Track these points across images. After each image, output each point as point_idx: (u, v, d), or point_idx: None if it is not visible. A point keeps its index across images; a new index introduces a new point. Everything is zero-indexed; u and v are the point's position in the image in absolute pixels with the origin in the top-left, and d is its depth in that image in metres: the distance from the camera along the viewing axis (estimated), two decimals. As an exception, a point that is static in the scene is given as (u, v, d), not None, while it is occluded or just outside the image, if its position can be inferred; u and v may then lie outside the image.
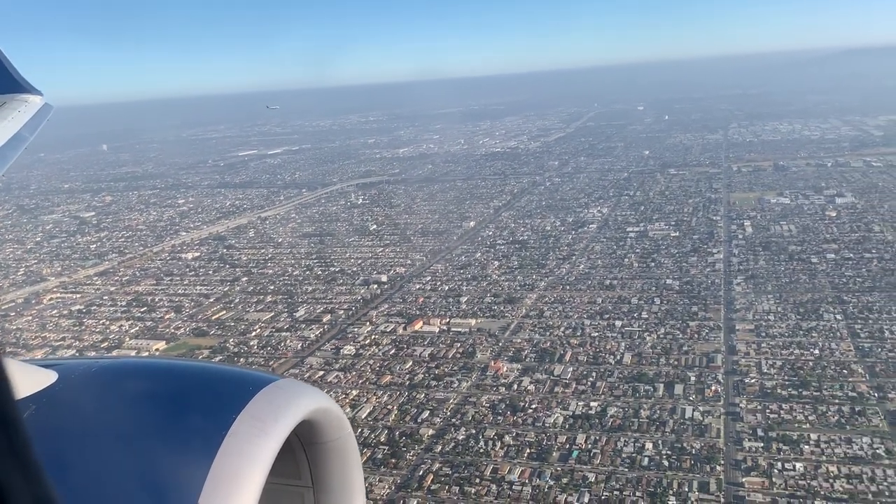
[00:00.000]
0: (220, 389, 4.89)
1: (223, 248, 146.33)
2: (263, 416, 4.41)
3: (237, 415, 4.35)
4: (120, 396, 4.77)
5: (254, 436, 4.26)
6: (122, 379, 5.13)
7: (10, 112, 11.67)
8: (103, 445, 4.15)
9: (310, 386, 5.33)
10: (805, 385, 72.35)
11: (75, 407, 4.56)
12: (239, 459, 4.09)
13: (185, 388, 4.94)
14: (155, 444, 4.25)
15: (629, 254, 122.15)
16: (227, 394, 4.70)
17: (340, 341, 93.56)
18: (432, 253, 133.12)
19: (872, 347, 79.46)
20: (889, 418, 65.48)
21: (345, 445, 5.37)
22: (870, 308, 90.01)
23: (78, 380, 4.80)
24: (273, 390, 4.71)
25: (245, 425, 4.30)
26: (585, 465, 62.25)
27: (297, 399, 4.82)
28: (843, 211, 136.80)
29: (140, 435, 4.31)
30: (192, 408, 4.67)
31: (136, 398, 4.74)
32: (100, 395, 4.75)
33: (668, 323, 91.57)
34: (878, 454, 60.04)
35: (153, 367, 5.81)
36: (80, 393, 4.66)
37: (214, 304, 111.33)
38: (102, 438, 4.22)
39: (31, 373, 4.67)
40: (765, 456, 61.45)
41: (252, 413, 4.40)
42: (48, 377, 4.63)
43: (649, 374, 77.65)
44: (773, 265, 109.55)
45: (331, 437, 5.25)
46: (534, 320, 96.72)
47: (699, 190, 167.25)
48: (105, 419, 4.49)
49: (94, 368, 5.04)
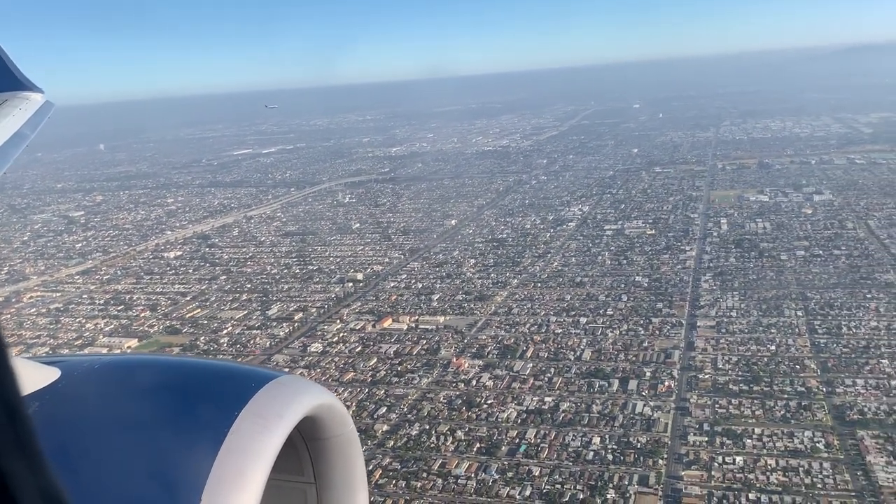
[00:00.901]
0: (222, 386, 4.91)
1: (206, 246, 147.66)
2: (266, 413, 4.43)
3: (240, 411, 4.37)
4: (123, 393, 4.79)
5: (256, 432, 4.27)
6: (126, 376, 5.16)
7: (11, 110, 11.59)
8: (106, 442, 4.18)
9: (313, 382, 5.36)
10: (756, 380, 73.36)
11: (78, 404, 4.57)
12: (242, 456, 4.10)
13: (188, 384, 4.97)
14: (158, 440, 4.27)
15: (603, 251, 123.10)
16: (230, 390, 4.71)
17: (309, 339, 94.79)
18: (411, 251, 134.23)
19: (828, 343, 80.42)
20: (834, 412, 66.45)
21: (348, 442, 5.38)
22: (831, 304, 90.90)
23: (81, 377, 4.81)
24: (276, 387, 4.72)
25: (248, 422, 4.31)
26: (532, 459, 63.35)
27: (299, 395, 4.82)
28: (820, 208, 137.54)
29: (143, 431, 4.33)
30: (194, 404, 4.72)
31: (139, 395, 4.76)
32: (103, 391, 4.77)
33: (632, 319, 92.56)
34: (816, 448, 61.03)
35: (156, 364, 5.76)
36: (84, 390, 4.69)
37: (190, 303, 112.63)
38: (106, 435, 4.25)
39: (33, 370, 4.69)
40: (707, 450, 62.46)
41: (255, 409, 4.41)
42: (51, 374, 4.62)
43: (606, 370, 78.73)
44: (743, 262, 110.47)
45: (334, 434, 5.26)
46: (501, 317, 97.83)
47: (681, 188, 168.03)
48: (108, 416, 4.51)
49: (97, 365, 5.08)
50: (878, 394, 68.79)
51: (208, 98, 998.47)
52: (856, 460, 58.95)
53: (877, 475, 56.53)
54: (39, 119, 11.87)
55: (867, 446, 60.49)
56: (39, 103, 12.34)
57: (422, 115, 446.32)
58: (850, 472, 57.53)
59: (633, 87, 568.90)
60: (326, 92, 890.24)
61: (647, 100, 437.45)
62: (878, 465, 57.69)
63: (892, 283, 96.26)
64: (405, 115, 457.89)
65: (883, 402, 67.19)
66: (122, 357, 7.18)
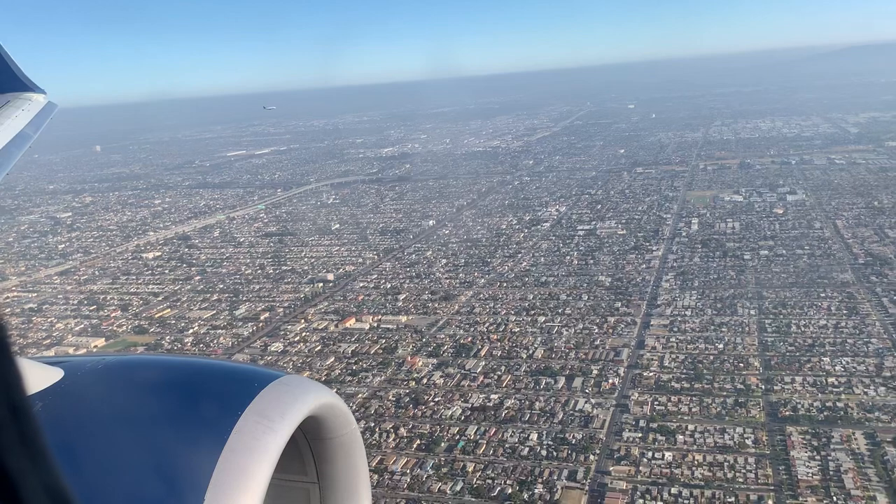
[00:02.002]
0: (225, 386, 4.92)
1: (185, 247, 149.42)
2: (269, 413, 4.44)
3: (243, 411, 4.39)
4: (126, 393, 4.80)
5: (259, 432, 4.29)
6: (129, 376, 5.15)
7: (14, 111, 11.65)
8: (110, 442, 4.20)
9: (315, 382, 5.33)
10: (698, 378, 74.55)
11: (81, 404, 4.57)
12: (245, 455, 4.11)
13: (192, 384, 4.98)
14: (161, 440, 4.29)
15: (572, 252, 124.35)
16: (233, 390, 4.74)
17: (271, 338, 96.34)
18: (386, 251, 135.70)
19: (775, 342, 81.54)
20: (768, 409, 67.62)
21: (350, 441, 5.39)
22: (784, 304, 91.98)
23: (84, 377, 4.81)
24: (278, 386, 4.74)
25: (251, 421, 4.33)
26: (468, 455, 64.71)
27: (302, 395, 4.84)
28: (791, 208, 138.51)
29: (146, 431, 4.34)
30: (198, 404, 4.73)
31: (142, 395, 4.77)
32: (106, 392, 4.77)
33: (588, 318, 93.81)
34: (745, 444, 62.21)
35: (159, 364, 5.83)
36: (87, 390, 4.69)
37: (162, 303, 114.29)
38: (109, 435, 4.25)
39: (37, 370, 4.69)
40: (640, 446, 63.71)
41: (258, 409, 4.43)
42: (54, 374, 4.65)
43: (555, 368, 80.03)
44: (707, 262, 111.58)
45: (336, 434, 5.27)
46: (463, 316, 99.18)
47: (659, 188, 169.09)
48: (111, 416, 4.52)
49: (100, 366, 5.06)
50: (814, 391, 69.93)
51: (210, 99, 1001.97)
52: (780, 455, 60.15)
53: (797, 469, 57.72)
54: (42, 120, 12.02)
55: (794, 442, 61.70)
56: (42, 104, 12.49)
57: (418, 116, 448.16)
58: (773, 466, 58.73)
59: (631, 88, 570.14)
60: (328, 93, 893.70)
61: (643, 100, 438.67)
62: (801, 461, 58.87)
63: (847, 283, 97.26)
64: (402, 116, 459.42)
65: (817, 399, 68.33)
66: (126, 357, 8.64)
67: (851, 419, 64.53)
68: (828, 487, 55.23)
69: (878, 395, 68.02)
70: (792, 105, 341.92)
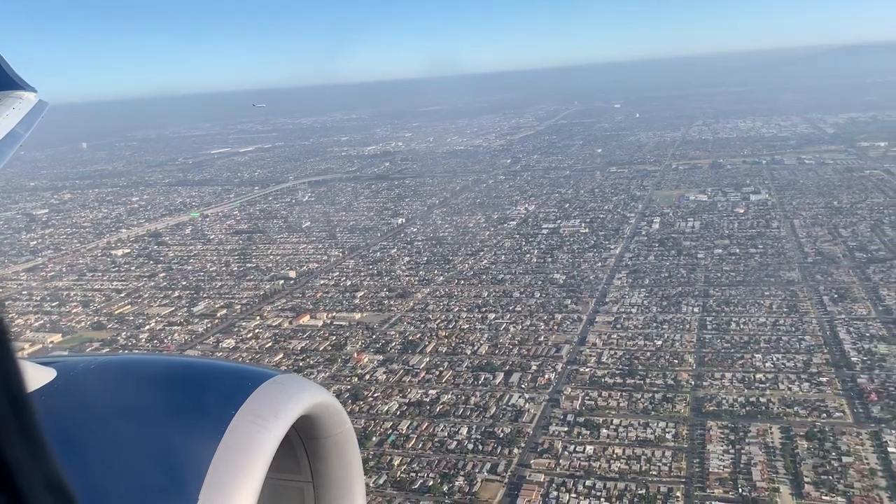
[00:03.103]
0: (219, 385, 4.90)
1: (155, 244, 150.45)
2: (263, 412, 4.45)
3: (237, 410, 4.39)
4: (119, 393, 4.77)
5: (254, 431, 4.28)
6: (121, 376, 5.13)
7: (5, 109, 11.57)
8: (103, 442, 4.17)
9: (309, 381, 5.33)
10: (632, 374, 76.01)
11: (74, 404, 4.54)
12: (239, 455, 4.11)
13: (185, 384, 4.96)
14: (154, 440, 4.27)
15: (533, 250, 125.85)
16: (227, 389, 4.72)
17: (224, 335, 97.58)
18: (351, 249, 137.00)
19: (712, 339, 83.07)
20: (693, 404, 69.15)
21: (344, 440, 5.38)
22: (728, 301, 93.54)
23: (76, 377, 4.77)
24: (272, 385, 4.75)
25: (245, 421, 4.33)
26: (397, 449, 66.11)
27: (296, 394, 4.83)
28: (753, 207, 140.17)
29: (139, 431, 4.33)
30: (191, 404, 4.72)
31: (135, 395, 4.75)
32: (98, 392, 4.73)
33: (537, 315, 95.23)
34: (664, 437, 63.71)
35: (152, 364, 5.81)
36: (79, 390, 4.65)
37: (124, 299, 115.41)
38: (102, 435, 4.23)
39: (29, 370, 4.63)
40: (564, 439, 65.18)
41: (251, 409, 4.44)
42: (47, 375, 4.62)
43: (496, 364, 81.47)
44: (661, 260, 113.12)
45: (330, 433, 5.27)
46: (416, 314, 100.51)
47: (628, 188, 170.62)
48: (104, 416, 4.48)
49: (92, 366, 5.03)
50: (741, 387, 71.42)
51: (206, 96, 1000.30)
52: (696, 449, 61.66)
53: (710, 463, 59.27)
54: (33, 118, 11.96)
55: (712, 436, 63.24)
56: (33, 102, 12.42)
57: (407, 114, 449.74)
58: (688, 460, 60.24)
59: (621, 87, 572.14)
60: (323, 90, 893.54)
61: (630, 99, 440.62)
62: (715, 454, 60.41)
63: (793, 281, 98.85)
64: (391, 114, 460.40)
65: (742, 395, 69.88)
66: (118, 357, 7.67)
67: (771, 414, 66.12)
68: (735, 480, 56.75)
69: (800, 391, 69.59)
70: (775, 105, 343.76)
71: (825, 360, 75.47)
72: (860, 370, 72.41)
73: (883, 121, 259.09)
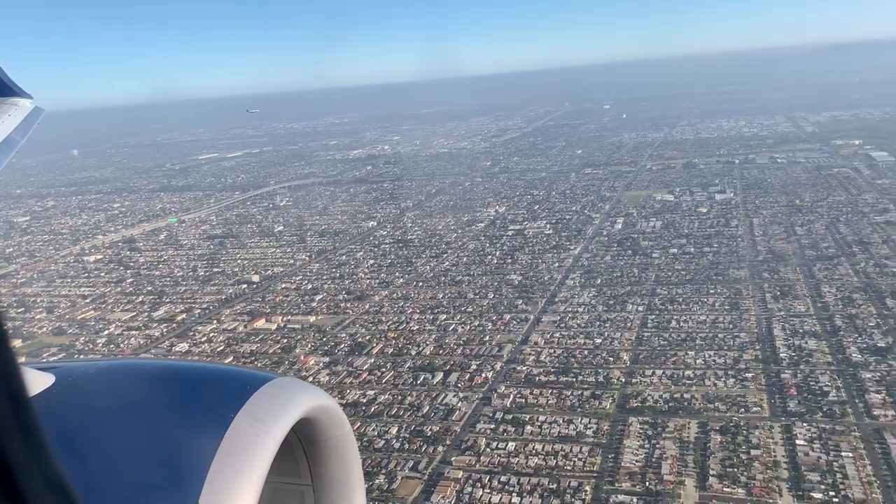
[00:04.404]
0: (218, 389, 4.90)
1: (128, 250, 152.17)
2: (262, 415, 4.45)
3: (236, 414, 4.39)
4: (118, 398, 4.77)
5: (253, 434, 4.30)
6: (120, 380, 5.11)
7: (1, 116, 11.58)
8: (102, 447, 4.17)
9: (308, 384, 5.33)
10: (566, 372, 77.39)
11: (73, 409, 4.52)
12: (238, 458, 4.12)
13: (184, 388, 4.97)
14: (154, 444, 4.28)
15: (496, 251, 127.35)
16: (226, 393, 4.72)
17: (180, 339, 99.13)
18: (319, 252, 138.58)
19: (651, 337, 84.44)
20: (619, 401, 70.51)
21: (344, 443, 5.36)
22: (673, 300, 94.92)
23: (75, 382, 4.79)
24: (271, 389, 4.75)
25: (244, 424, 4.33)
26: (326, 447, 67.34)
27: (295, 397, 4.83)
28: (716, 207, 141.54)
29: (139, 435, 4.33)
30: (190, 407, 4.73)
31: (134, 399, 4.75)
32: (98, 397, 4.74)
33: (487, 316, 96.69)
34: (584, 434, 65.13)
35: (151, 368, 5.81)
36: (78, 395, 4.66)
37: (89, 305, 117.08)
38: (101, 440, 4.22)
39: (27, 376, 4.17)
40: (489, 437, 66.59)
41: (251, 412, 4.45)
42: (45, 380, 4.62)
43: (437, 364, 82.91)
44: (616, 260, 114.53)
45: (330, 435, 5.26)
46: (370, 316, 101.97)
47: (599, 189, 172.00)
48: (103, 421, 4.47)
49: (91, 370, 5.05)
50: (668, 383, 72.82)
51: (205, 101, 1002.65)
52: (613, 444, 63.06)
53: (624, 457, 60.66)
54: (29, 125, 11.97)
55: (631, 432, 64.61)
56: (29, 109, 12.46)
57: (399, 118, 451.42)
58: (603, 455, 61.65)
59: (614, 88, 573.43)
60: (318, 94, 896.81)
61: (621, 100, 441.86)
62: (630, 449, 61.80)
63: (740, 279, 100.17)
64: (383, 118, 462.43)
65: (668, 391, 71.27)
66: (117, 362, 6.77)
67: (692, 409, 67.50)
68: (645, 474, 58.08)
69: (725, 387, 70.93)
70: (762, 104, 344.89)
71: (755, 356, 76.79)
72: (786, 366, 73.70)
73: (863, 119, 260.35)
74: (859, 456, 57.64)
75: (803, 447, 59.52)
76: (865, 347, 76.01)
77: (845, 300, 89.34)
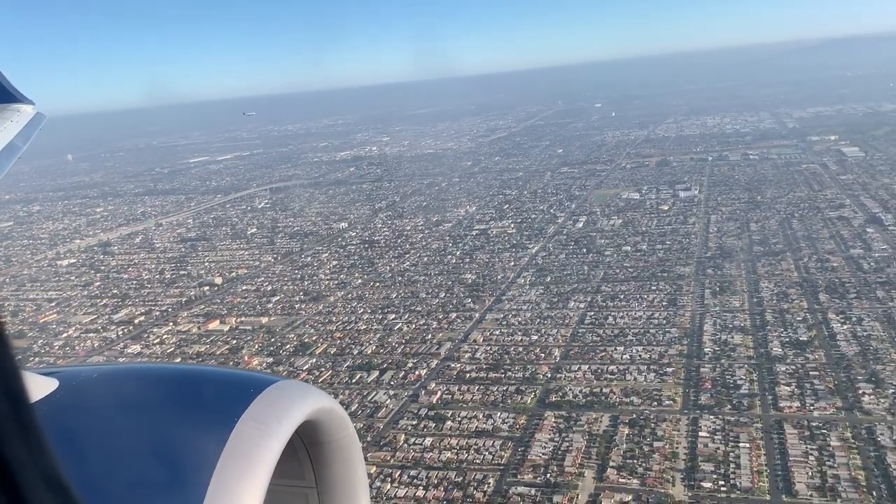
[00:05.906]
0: (221, 392, 4.93)
1: (101, 254, 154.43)
2: (266, 418, 4.47)
3: (240, 417, 4.41)
4: (122, 402, 4.79)
5: (257, 437, 4.32)
6: (124, 384, 5.13)
7: (3, 122, 11.67)
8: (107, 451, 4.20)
9: (311, 386, 5.32)
10: (496, 368, 78.93)
11: (77, 414, 4.55)
12: (242, 461, 4.14)
13: (187, 391, 5.00)
14: (158, 448, 4.30)
15: (457, 251, 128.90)
16: (229, 396, 4.73)
17: (134, 341, 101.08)
18: (285, 254, 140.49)
19: (585, 334, 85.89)
20: (540, 396, 72.00)
21: (348, 445, 5.38)
22: (615, 297, 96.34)
23: (79, 387, 4.80)
24: (275, 391, 4.77)
25: (247, 427, 4.36)
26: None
27: (299, 400, 4.86)
28: (678, 204, 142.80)
29: (143, 439, 4.35)
30: (194, 411, 4.74)
31: (138, 403, 4.78)
32: (102, 401, 4.76)
33: (434, 315, 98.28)
34: (500, 428, 66.65)
35: (154, 373, 5.85)
36: (82, 400, 4.67)
37: (53, 308, 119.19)
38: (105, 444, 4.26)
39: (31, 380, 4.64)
40: (409, 433, 68.17)
41: (254, 415, 4.47)
42: (49, 385, 4.64)
43: (375, 363, 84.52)
44: (570, 258, 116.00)
45: (333, 438, 5.28)
46: (322, 316, 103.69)
47: (569, 188, 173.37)
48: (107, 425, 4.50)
49: (95, 375, 5.07)
50: (591, 378, 74.29)
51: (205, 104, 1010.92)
52: (525, 439, 64.53)
53: (532, 451, 62.18)
54: (31, 131, 12.01)
55: (544, 425, 66.10)
56: (31, 115, 12.50)
57: (392, 119, 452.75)
58: (513, 449, 63.14)
59: (609, 86, 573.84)
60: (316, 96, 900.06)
61: (613, 99, 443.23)
62: (540, 443, 63.30)
63: (683, 276, 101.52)
64: (377, 119, 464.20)
65: (589, 386, 72.73)
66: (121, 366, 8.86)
67: (608, 403, 68.94)
68: (548, 466, 59.59)
69: (644, 381, 72.36)
70: (751, 101, 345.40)
71: (680, 351, 78.16)
72: (707, 360, 75.04)
73: (846, 114, 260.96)
74: (755, 446, 59.03)
75: (704, 439, 60.94)
76: (788, 342, 77.26)
77: (780, 295, 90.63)
